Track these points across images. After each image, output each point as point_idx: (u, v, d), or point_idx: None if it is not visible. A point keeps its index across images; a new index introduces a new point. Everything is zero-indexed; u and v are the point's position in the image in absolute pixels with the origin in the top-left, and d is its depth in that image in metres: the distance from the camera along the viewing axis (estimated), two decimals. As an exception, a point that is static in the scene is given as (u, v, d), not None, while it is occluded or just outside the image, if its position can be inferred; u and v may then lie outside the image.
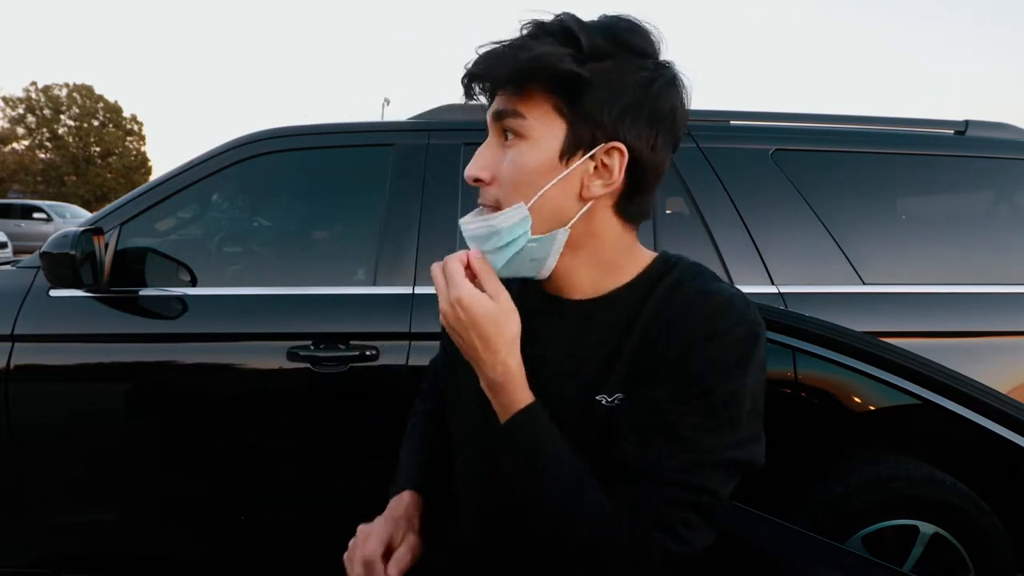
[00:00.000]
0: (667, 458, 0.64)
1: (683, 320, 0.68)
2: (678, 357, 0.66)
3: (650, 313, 0.71)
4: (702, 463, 0.64)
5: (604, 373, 0.71)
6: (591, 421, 0.69)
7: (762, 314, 0.90)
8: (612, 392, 0.69)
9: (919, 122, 2.01)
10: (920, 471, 1.62)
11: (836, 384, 1.64)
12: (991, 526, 1.58)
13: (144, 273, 1.84)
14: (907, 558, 1.59)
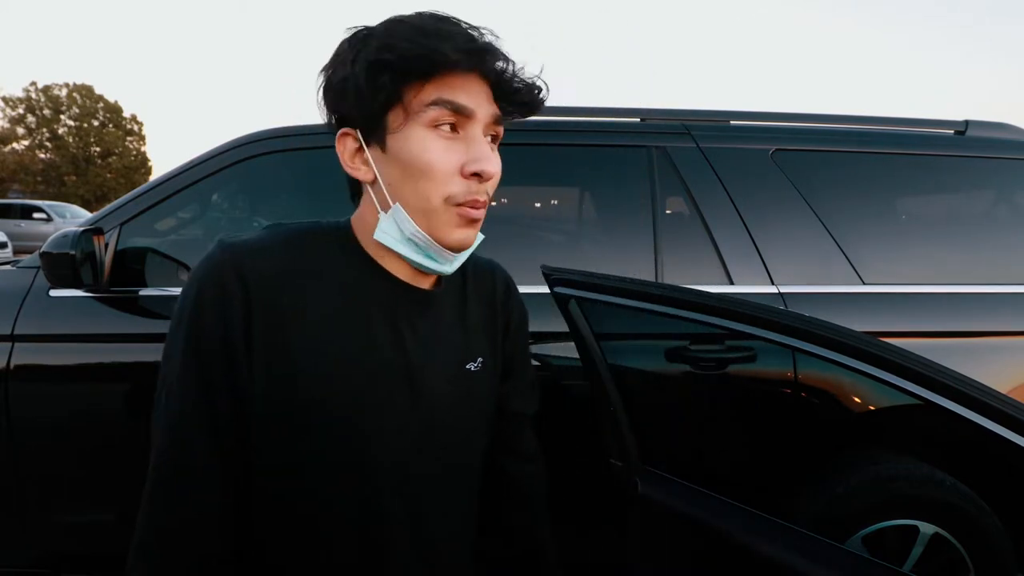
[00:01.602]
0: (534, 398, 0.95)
1: (513, 288, 0.89)
2: (522, 319, 0.90)
3: (482, 287, 0.84)
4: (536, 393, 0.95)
5: (465, 345, 0.80)
6: (461, 385, 0.78)
7: (762, 314, 0.90)
8: (475, 359, 0.81)
9: (919, 122, 2.02)
10: (920, 471, 1.62)
11: (836, 384, 1.64)
12: (991, 526, 1.58)
13: (144, 273, 1.84)
14: (907, 558, 1.59)
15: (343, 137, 0.70)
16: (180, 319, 0.68)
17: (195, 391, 0.67)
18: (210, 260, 0.68)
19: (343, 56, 0.66)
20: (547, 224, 2.41)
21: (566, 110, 2.00)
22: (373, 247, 0.73)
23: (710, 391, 1.71)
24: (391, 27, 0.65)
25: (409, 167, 0.66)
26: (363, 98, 0.65)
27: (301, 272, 0.69)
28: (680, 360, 1.65)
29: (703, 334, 1.62)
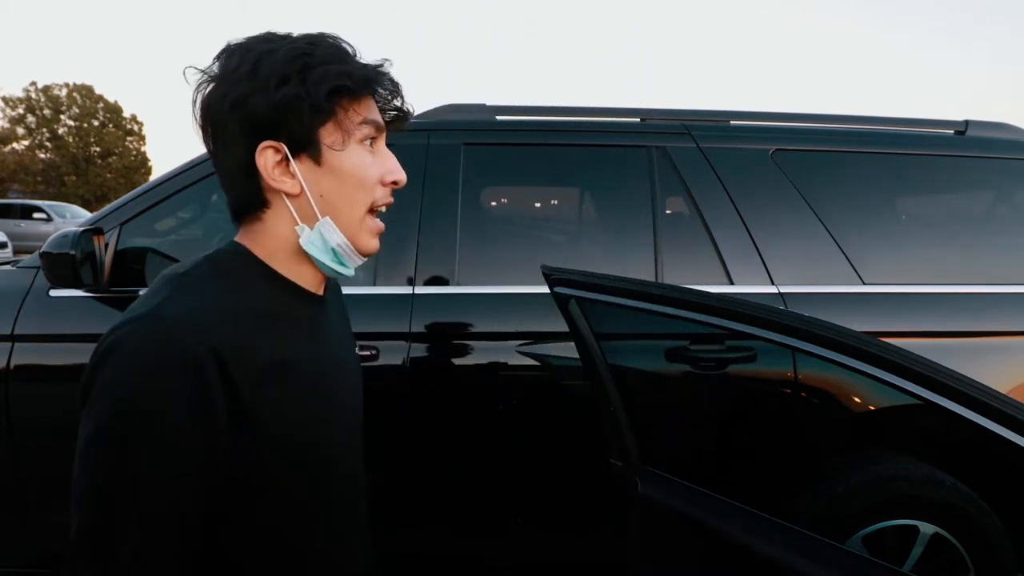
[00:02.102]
0: None
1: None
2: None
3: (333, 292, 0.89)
4: None
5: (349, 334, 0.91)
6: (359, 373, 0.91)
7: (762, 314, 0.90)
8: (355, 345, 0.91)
9: (919, 122, 2.02)
10: (920, 471, 1.62)
11: (836, 384, 1.64)
12: (991, 526, 1.58)
13: (144, 273, 1.84)
14: (907, 558, 1.59)
15: (264, 150, 0.68)
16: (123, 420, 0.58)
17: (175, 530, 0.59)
18: (156, 342, 0.59)
19: (279, 72, 0.66)
20: (547, 224, 2.41)
21: (566, 110, 2.00)
22: (281, 260, 0.73)
23: (710, 391, 1.71)
24: (329, 50, 0.69)
25: (347, 179, 0.71)
26: (316, 116, 0.67)
27: (240, 316, 0.66)
28: (680, 360, 1.65)
29: (703, 334, 1.62)
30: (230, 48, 0.69)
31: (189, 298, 0.64)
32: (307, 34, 0.70)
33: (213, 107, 0.68)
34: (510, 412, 1.73)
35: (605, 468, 1.35)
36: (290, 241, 0.72)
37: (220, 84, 0.68)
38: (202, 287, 0.67)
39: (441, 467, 1.74)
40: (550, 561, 1.85)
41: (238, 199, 0.73)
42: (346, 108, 0.69)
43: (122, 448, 0.58)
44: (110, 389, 0.59)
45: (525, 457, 1.75)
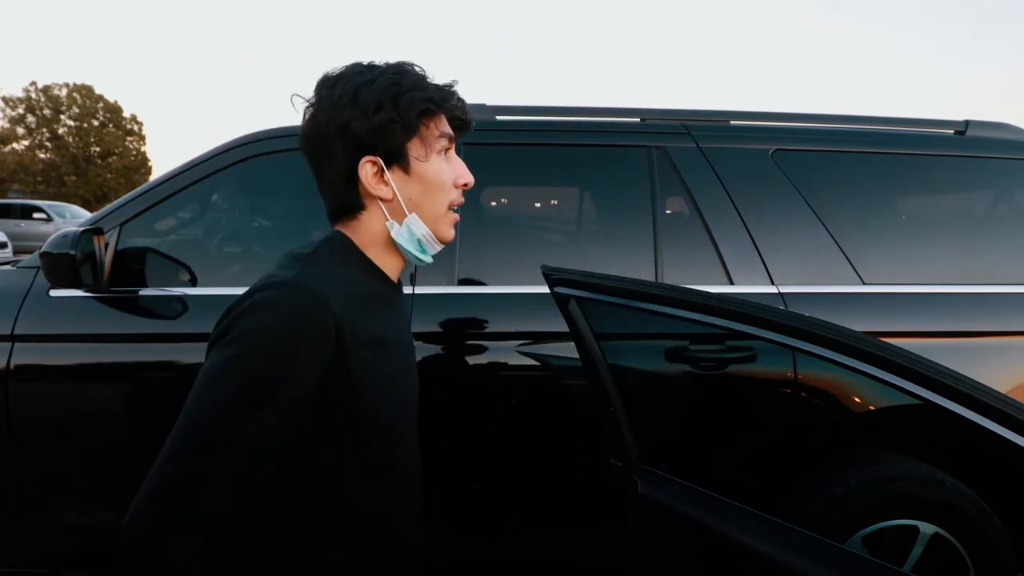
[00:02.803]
0: None
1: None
2: None
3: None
4: None
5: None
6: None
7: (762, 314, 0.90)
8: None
9: (919, 122, 2.02)
10: (920, 471, 1.62)
11: (836, 384, 1.64)
12: (991, 526, 1.58)
13: (144, 273, 1.84)
14: (907, 558, 1.59)
15: (365, 164, 0.82)
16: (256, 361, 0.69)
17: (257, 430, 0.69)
18: (298, 301, 0.72)
19: (375, 99, 0.80)
20: (547, 224, 2.41)
21: (566, 110, 2.00)
22: (375, 250, 0.88)
23: (710, 391, 1.71)
24: (414, 78, 0.83)
25: (430, 184, 0.85)
26: (406, 134, 0.82)
27: (352, 294, 0.79)
28: (680, 360, 1.65)
29: (703, 334, 1.62)
30: (330, 79, 0.83)
31: (317, 272, 0.77)
32: (392, 64, 0.84)
33: (320, 129, 0.82)
34: (510, 412, 1.73)
35: (605, 468, 1.35)
36: (381, 234, 0.87)
37: (324, 110, 0.82)
38: (325, 265, 0.80)
39: (441, 467, 1.74)
40: (550, 561, 1.85)
41: (339, 204, 0.87)
42: (428, 125, 0.84)
43: (250, 380, 0.69)
44: (253, 334, 0.70)
45: (525, 457, 1.75)
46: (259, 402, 0.68)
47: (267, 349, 0.69)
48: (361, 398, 0.77)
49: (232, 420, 0.67)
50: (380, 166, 0.83)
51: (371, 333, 0.80)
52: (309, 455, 0.76)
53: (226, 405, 0.68)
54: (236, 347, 0.69)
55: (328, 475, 0.78)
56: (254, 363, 0.69)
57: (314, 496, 0.78)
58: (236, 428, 0.67)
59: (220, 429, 0.67)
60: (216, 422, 0.67)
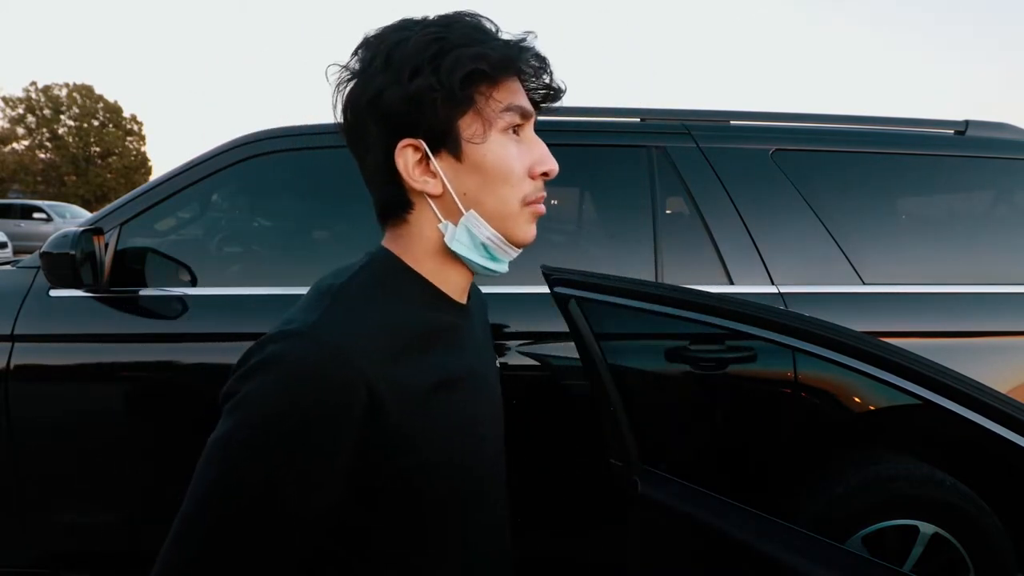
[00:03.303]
0: None
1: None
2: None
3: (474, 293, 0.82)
4: None
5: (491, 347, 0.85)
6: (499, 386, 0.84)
7: (762, 314, 0.90)
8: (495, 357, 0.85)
9: (919, 122, 2.02)
10: (920, 471, 1.62)
11: (836, 384, 1.64)
12: (991, 526, 1.58)
13: (144, 273, 1.84)
14: (907, 558, 1.59)
15: (403, 149, 0.64)
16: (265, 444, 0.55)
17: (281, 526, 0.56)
18: (315, 363, 0.56)
19: (411, 62, 0.61)
20: (547, 224, 2.41)
21: (566, 110, 2.00)
22: (428, 265, 0.68)
23: (710, 391, 1.71)
24: (464, 31, 0.63)
25: (491, 174, 0.65)
26: (453, 107, 0.62)
27: (396, 336, 0.62)
28: (680, 360, 1.65)
29: (703, 334, 1.62)
30: (367, 40, 0.65)
31: (348, 316, 0.60)
32: (444, 15, 0.65)
33: (352, 105, 0.65)
34: (510, 412, 1.72)
35: (605, 468, 1.35)
36: (435, 242, 0.67)
37: (357, 80, 0.64)
38: (360, 303, 0.63)
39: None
40: (550, 561, 1.85)
41: (381, 201, 0.69)
42: (486, 95, 0.63)
43: (251, 457, 0.55)
44: (256, 400, 0.56)
45: (525, 457, 1.75)
46: (270, 482, 0.54)
47: (274, 421, 0.55)
48: (407, 459, 0.60)
49: (244, 500, 0.54)
50: (424, 151, 0.64)
51: (424, 382, 0.62)
52: (343, 539, 0.62)
53: (230, 484, 0.55)
54: (239, 415, 0.56)
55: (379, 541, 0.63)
56: (261, 437, 0.55)
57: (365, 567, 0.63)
58: (249, 509, 0.54)
59: (227, 511, 0.54)
60: (223, 503, 0.55)
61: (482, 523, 0.71)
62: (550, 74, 0.67)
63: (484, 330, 0.81)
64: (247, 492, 0.54)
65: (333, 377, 0.56)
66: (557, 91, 0.69)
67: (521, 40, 0.64)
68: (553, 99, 0.70)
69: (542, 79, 0.67)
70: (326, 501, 0.57)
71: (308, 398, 0.55)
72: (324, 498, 0.57)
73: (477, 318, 0.78)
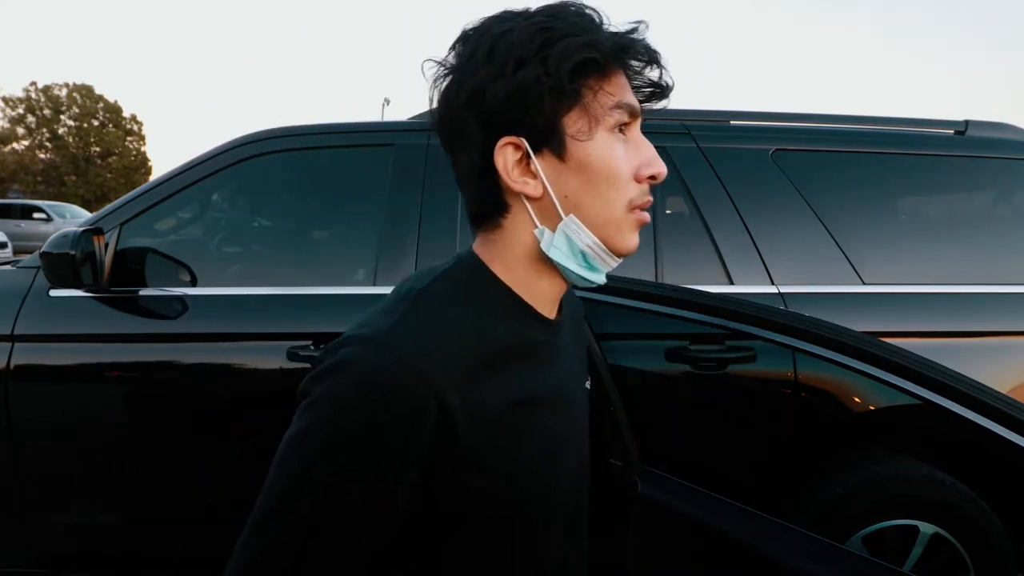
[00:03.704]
0: None
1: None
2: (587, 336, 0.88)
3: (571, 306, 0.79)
4: None
5: (581, 366, 0.79)
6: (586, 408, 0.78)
7: (762, 314, 0.90)
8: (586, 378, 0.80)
9: (919, 122, 2.01)
10: (920, 471, 1.62)
11: (836, 384, 1.64)
12: (991, 526, 1.58)
13: (144, 273, 1.84)
14: (907, 558, 1.59)
15: (503, 147, 0.60)
16: (323, 457, 0.54)
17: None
18: (381, 371, 0.54)
19: (516, 53, 0.58)
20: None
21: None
22: (518, 274, 0.64)
23: (710, 391, 1.71)
24: (572, 20, 0.59)
25: (596, 175, 0.60)
26: (559, 101, 0.58)
27: (475, 347, 0.59)
28: (680, 360, 1.65)
29: (703, 334, 1.62)
30: (466, 33, 0.62)
31: (424, 325, 0.58)
32: (548, 5, 0.61)
33: (449, 101, 0.61)
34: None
35: (605, 468, 1.35)
36: (528, 248, 0.63)
37: (455, 75, 0.61)
38: (439, 311, 0.60)
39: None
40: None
41: (476, 204, 0.65)
42: (594, 89, 0.59)
43: (318, 459, 0.54)
44: (326, 403, 0.55)
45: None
46: (336, 484, 0.54)
47: (344, 425, 0.54)
48: (477, 481, 0.58)
49: (311, 499, 0.54)
50: (525, 150, 0.60)
51: (505, 396, 0.59)
52: (415, 554, 0.60)
53: (303, 483, 0.55)
54: (310, 416, 0.55)
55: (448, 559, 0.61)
56: (328, 441, 0.54)
57: None
58: (315, 509, 0.54)
59: (300, 508, 0.54)
60: (295, 501, 0.55)
61: (556, 555, 0.67)
62: (660, 68, 0.62)
63: (576, 345, 0.76)
64: (314, 492, 0.54)
65: (402, 389, 0.54)
66: (665, 88, 0.64)
67: (631, 31, 0.61)
68: (659, 97, 0.65)
69: (649, 74, 0.63)
70: (392, 510, 0.56)
71: (375, 406, 0.54)
72: (389, 507, 0.55)
73: (569, 332, 0.74)
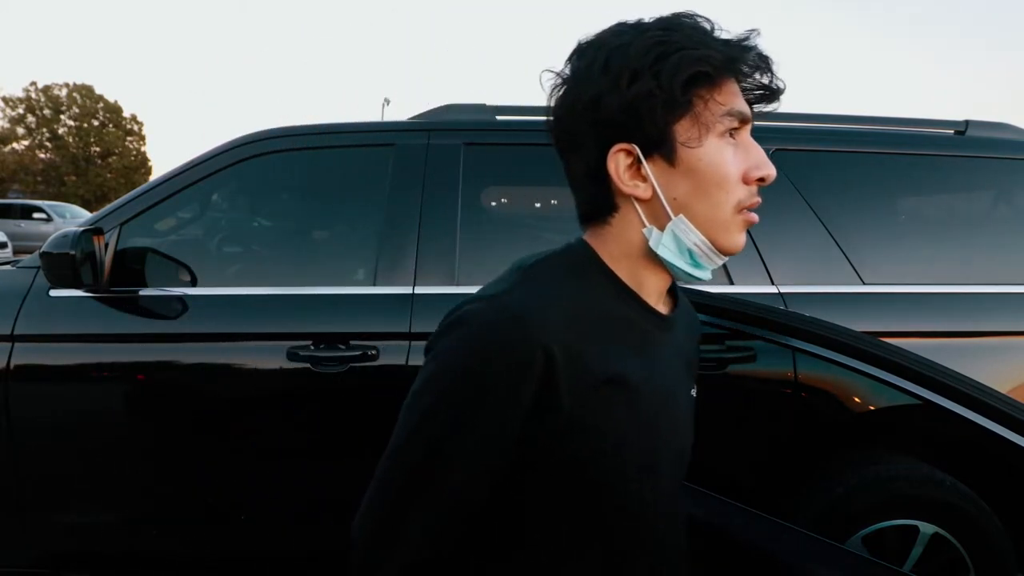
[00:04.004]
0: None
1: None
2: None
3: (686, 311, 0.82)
4: None
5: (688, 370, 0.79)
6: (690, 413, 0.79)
7: (762, 314, 0.90)
8: (693, 384, 0.80)
9: (919, 122, 2.01)
10: (920, 471, 1.62)
11: (836, 384, 1.64)
12: (991, 526, 1.58)
13: (144, 273, 1.84)
14: (907, 558, 1.59)
15: (616, 154, 0.64)
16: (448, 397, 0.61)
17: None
18: (497, 325, 0.60)
19: (631, 67, 0.61)
20: (547, 224, 2.41)
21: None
22: (624, 266, 0.68)
23: (710, 391, 1.70)
24: (687, 33, 0.62)
25: (704, 180, 0.64)
26: (671, 112, 0.62)
27: (580, 315, 0.63)
28: (680, 360, 1.65)
29: (703, 334, 1.62)
30: (581, 47, 0.66)
31: (536, 289, 0.63)
32: (663, 18, 0.64)
33: (564, 110, 0.66)
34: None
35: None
36: (636, 245, 0.67)
37: (571, 86, 0.65)
38: (550, 281, 0.65)
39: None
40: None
41: (587, 204, 0.70)
42: (705, 99, 0.63)
43: (438, 405, 0.61)
44: (446, 355, 0.62)
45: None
46: (451, 431, 0.60)
47: (457, 376, 0.61)
48: (571, 447, 0.62)
49: (428, 443, 0.61)
50: (636, 156, 0.64)
51: (600, 369, 0.62)
52: (501, 511, 0.65)
53: (423, 426, 0.62)
54: (433, 367, 0.63)
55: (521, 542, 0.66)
56: (446, 388, 0.61)
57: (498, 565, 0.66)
58: (432, 452, 0.61)
59: (418, 449, 0.62)
60: (415, 442, 0.62)
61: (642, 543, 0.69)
62: (771, 74, 0.66)
63: (685, 351, 0.77)
64: (430, 437, 0.61)
65: (511, 341, 0.59)
66: (775, 92, 0.67)
67: (743, 39, 0.64)
68: (770, 100, 0.68)
69: (760, 79, 0.66)
70: (495, 459, 0.62)
71: (489, 355, 0.59)
72: (493, 455, 0.61)
73: (680, 334, 0.75)
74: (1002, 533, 1.59)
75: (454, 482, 0.61)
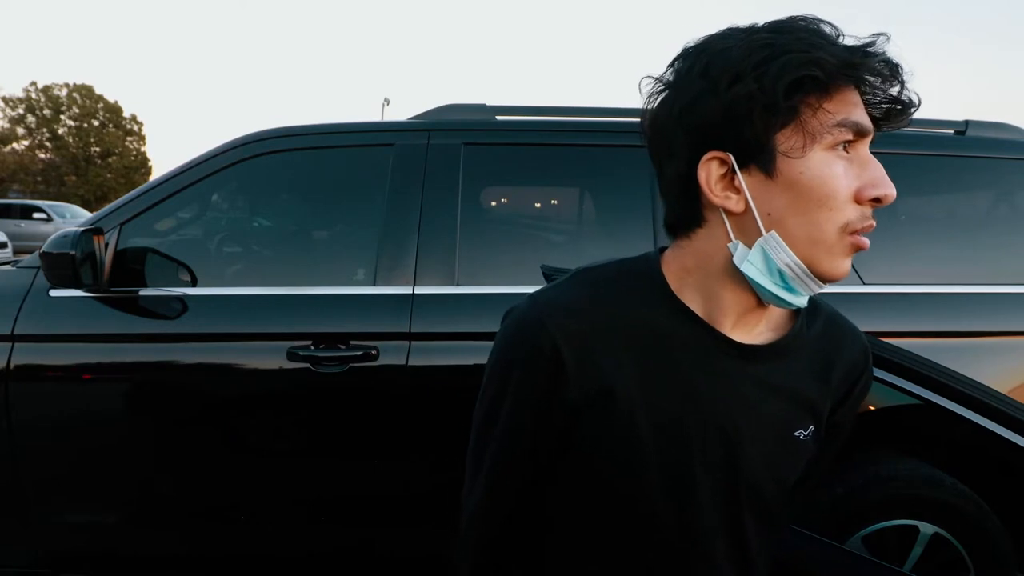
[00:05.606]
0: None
1: (870, 355, 0.84)
2: (865, 388, 0.80)
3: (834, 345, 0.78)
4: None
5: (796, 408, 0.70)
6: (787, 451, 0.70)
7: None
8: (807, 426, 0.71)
9: (919, 122, 2.01)
10: (920, 471, 1.62)
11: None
12: (991, 526, 1.58)
13: (144, 273, 1.84)
14: (907, 558, 1.59)
15: (708, 161, 0.59)
16: (492, 376, 0.69)
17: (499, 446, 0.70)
18: (522, 318, 0.66)
19: (733, 69, 0.56)
20: (547, 224, 2.41)
21: (566, 110, 2.00)
22: (698, 280, 0.64)
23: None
24: (799, 35, 0.57)
25: (806, 195, 0.57)
26: (772, 118, 0.56)
27: (612, 324, 0.63)
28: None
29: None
30: (686, 50, 0.62)
31: (573, 291, 0.66)
32: (776, 20, 0.59)
33: (661, 114, 0.62)
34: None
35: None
36: (716, 260, 0.63)
37: (671, 90, 0.61)
38: (590, 284, 0.67)
39: (442, 467, 1.74)
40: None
41: (673, 214, 0.66)
42: (814, 107, 0.56)
43: (487, 391, 0.69)
44: (495, 344, 0.69)
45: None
46: (498, 402, 0.68)
47: (497, 361, 0.68)
48: (579, 440, 0.66)
49: (488, 407, 0.69)
50: (731, 165, 0.59)
51: (606, 383, 0.62)
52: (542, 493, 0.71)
53: (484, 393, 0.70)
54: (488, 360, 0.70)
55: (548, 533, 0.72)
56: (491, 363, 0.69)
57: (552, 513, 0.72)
58: (489, 414, 0.69)
59: (481, 410, 0.71)
60: (480, 405, 0.71)
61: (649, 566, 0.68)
62: (900, 84, 0.58)
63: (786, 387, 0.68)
64: (485, 407, 0.70)
65: (529, 335, 0.64)
66: (905, 105, 0.59)
67: (868, 44, 0.56)
68: (900, 114, 0.60)
69: (886, 89, 0.59)
70: (529, 435, 0.67)
71: (513, 345, 0.66)
72: (526, 431, 0.67)
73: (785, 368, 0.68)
74: (1002, 533, 1.59)
75: (505, 442, 0.68)
